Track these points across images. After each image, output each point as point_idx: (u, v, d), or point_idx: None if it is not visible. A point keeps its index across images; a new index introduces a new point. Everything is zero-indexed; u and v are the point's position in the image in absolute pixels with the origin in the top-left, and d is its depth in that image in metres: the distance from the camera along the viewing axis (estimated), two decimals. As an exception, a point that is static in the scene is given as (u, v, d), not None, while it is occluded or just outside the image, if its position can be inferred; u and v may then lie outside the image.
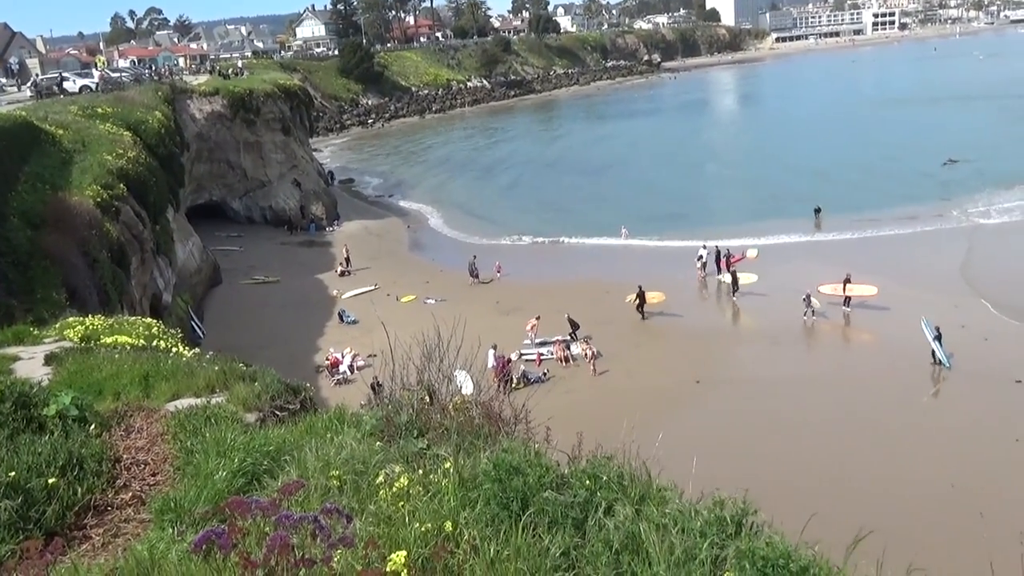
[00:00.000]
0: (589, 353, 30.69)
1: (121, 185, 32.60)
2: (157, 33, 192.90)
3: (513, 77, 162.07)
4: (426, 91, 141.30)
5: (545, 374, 29.67)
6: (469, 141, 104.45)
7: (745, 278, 37.40)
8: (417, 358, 7.47)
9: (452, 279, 43.02)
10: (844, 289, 34.05)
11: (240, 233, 57.97)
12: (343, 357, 31.57)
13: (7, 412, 6.27)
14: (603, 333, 32.68)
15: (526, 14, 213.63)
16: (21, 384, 7.01)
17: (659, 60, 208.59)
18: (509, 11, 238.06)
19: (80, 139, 35.71)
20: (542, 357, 31.22)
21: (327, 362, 31.65)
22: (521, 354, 31.49)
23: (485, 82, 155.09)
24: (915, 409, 25.03)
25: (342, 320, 37.71)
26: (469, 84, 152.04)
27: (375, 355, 28.71)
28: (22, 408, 6.44)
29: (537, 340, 32.58)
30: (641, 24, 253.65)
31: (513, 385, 26.72)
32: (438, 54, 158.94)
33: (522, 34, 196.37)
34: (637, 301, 34.85)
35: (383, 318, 12.65)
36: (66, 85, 56.80)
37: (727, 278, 38.48)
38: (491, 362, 27.82)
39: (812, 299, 33.14)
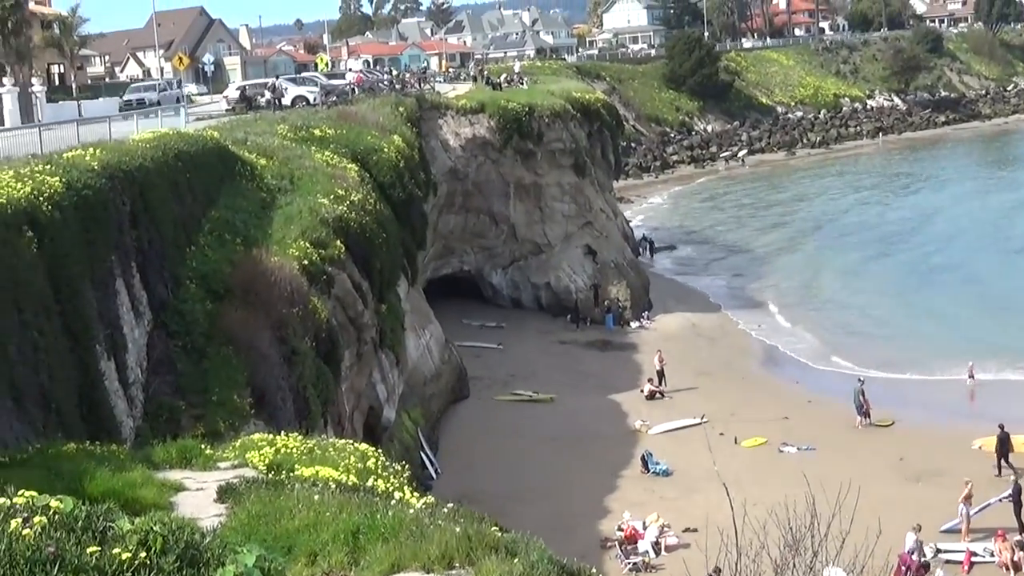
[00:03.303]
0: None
1: (339, 242, 34.60)
2: (403, 21, 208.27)
3: (944, 93, 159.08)
4: (799, 113, 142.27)
5: (979, 589, 28.36)
6: (866, 194, 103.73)
7: None
8: (774, 543, 7.36)
9: (826, 415, 42.61)
10: None
11: (500, 322, 60.33)
12: (645, 528, 31.69)
13: (169, 570, 6.79)
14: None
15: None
16: (189, 530, 7.57)
17: None
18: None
19: (288, 172, 38.71)
20: (974, 559, 30.03)
21: (619, 534, 31.82)
22: (938, 550, 30.44)
23: (897, 100, 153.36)
24: None
25: (647, 468, 37.98)
26: (871, 104, 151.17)
27: (696, 530, 28.59)
28: (189, 566, 6.95)
29: (973, 511, 31.81)
30: None
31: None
32: (822, 55, 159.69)
33: (963, 24, 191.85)
34: (997, 448, 36.02)
35: (716, 471, 12.57)
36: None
37: None
38: (908, 545, 27.88)
39: None
